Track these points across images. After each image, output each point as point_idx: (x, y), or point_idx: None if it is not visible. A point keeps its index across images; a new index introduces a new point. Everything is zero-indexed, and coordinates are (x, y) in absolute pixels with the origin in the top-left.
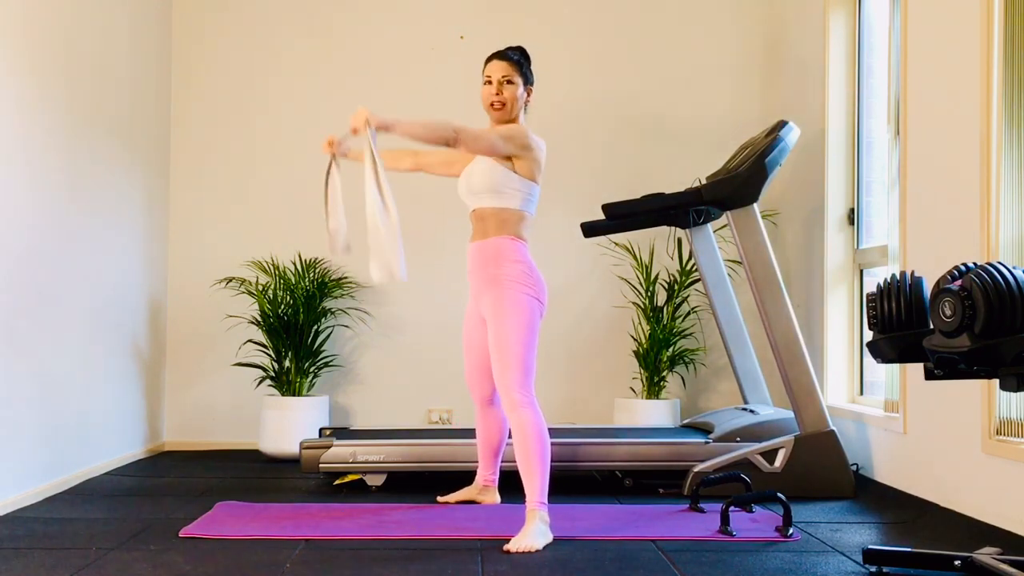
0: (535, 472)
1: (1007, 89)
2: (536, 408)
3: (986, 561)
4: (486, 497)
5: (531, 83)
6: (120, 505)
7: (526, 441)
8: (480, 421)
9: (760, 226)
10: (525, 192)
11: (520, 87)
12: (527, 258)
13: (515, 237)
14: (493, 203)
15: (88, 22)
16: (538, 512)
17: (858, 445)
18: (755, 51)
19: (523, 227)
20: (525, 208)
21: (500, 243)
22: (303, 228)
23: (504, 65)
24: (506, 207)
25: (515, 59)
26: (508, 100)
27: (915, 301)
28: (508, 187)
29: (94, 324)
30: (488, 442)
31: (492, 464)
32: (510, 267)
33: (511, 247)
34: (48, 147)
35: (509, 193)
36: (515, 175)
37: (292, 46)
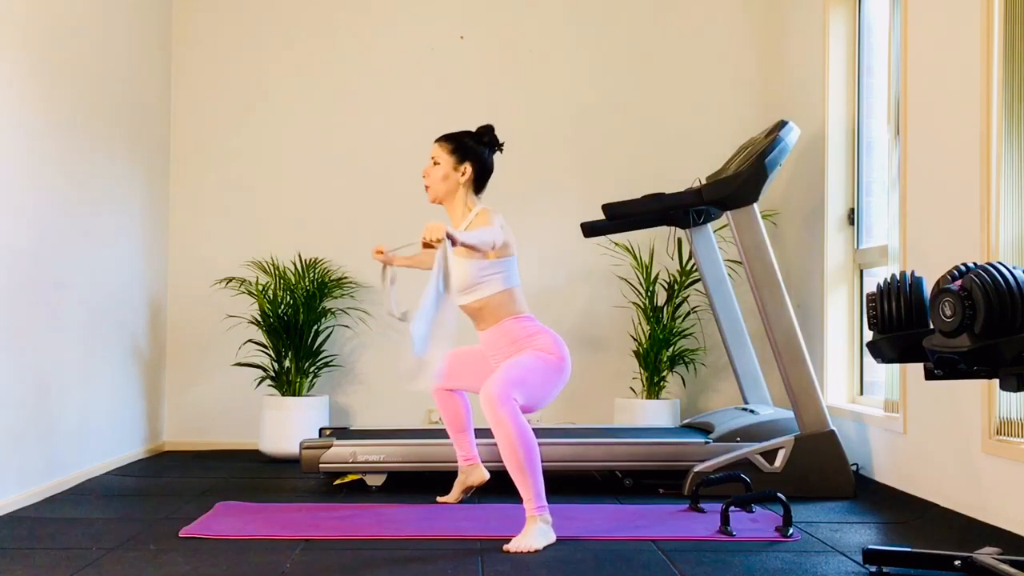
0: (527, 479)
1: (1007, 89)
2: (516, 411)
3: (986, 561)
4: (474, 476)
5: (470, 160)
6: (120, 505)
7: (512, 448)
8: (438, 402)
9: (760, 226)
10: (503, 271)
11: (447, 167)
12: (541, 327)
13: (516, 316)
14: (476, 297)
15: (88, 22)
16: (538, 516)
17: (858, 445)
18: (755, 51)
19: (516, 303)
20: (508, 284)
21: (507, 327)
22: (303, 228)
23: (435, 146)
24: (491, 295)
25: (446, 138)
26: (432, 181)
27: (915, 301)
28: (485, 276)
29: (94, 324)
30: (454, 419)
31: (465, 441)
32: (533, 340)
33: (520, 326)
34: (48, 147)
35: (488, 280)
36: (487, 261)
37: (292, 46)
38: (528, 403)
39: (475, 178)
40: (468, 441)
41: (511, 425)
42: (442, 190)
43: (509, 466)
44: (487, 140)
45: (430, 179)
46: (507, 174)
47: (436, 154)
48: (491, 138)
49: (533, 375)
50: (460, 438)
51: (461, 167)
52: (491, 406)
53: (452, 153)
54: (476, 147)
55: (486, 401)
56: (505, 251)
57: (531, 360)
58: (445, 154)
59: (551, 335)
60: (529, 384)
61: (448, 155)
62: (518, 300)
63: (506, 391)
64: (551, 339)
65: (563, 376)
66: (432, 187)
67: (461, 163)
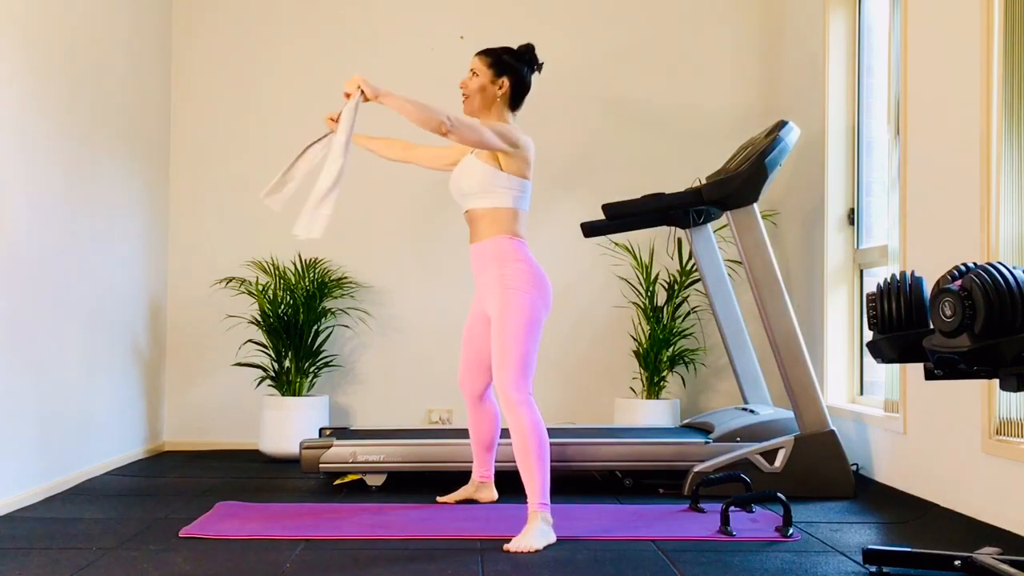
0: (535, 473)
1: (1007, 89)
2: (534, 407)
3: (986, 561)
4: (483, 494)
5: (507, 75)
6: (120, 505)
7: (524, 442)
8: (471, 417)
9: (760, 226)
10: (516, 189)
11: (483, 78)
12: (527, 256)
13: (511, 235)
14: (484, 203)
15: (88, 22)
16: (540, 513)
17: (858, 445)
18: (755, 51)
19: (518, 224)
20: (517, 205)
21: (499, 243)
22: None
23: (475, 59)
24: (498, 206)
25: (486, 52)
26: (470, 91)
27: (915, 301)
28: (498, 186)
29: (94, 324)
30: (480, 438)
31: (486, 460)
32: (512, 267)
33: (510, 247)
34: (48, 147)
35: (500, 192)
36: (503, 173)
37: (292, 46)
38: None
39: (512, 94)
40: (489, 460)
41: (528, 421)
42: (478, 102)
43: (519, 458)
44: (527, 58)
45: (468, 89)
46: None
47: (475, 66)
48: (531, 57)
49: (529, 343)
50: (482, 456)
51: (499, 81)
52: (509, 406)
53: (491, 67)
54: (515, 63)
55: (503, 399)
56: (519, 170)
57: (519, 326)
58: (484, 67)
59: (533, 266)
60: (530, 355)
61: (487, 68)
62: (520, 222)
63: (520, 387)
64: (531, 272)
65: (546, 311)
66: (469, 97)
67: (499, 77)
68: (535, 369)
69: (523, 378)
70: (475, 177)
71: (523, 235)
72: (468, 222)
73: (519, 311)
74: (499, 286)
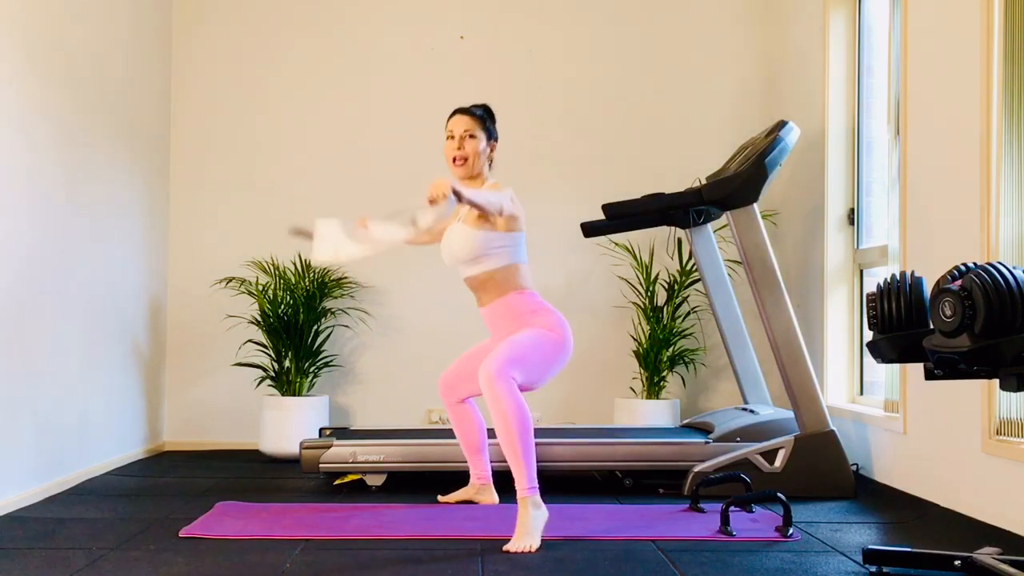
0: (519, 456)
1: (1007, 89)
2: (513, 388)
3: (986, 561)
4: (483, 497)
5: (494, 139)
6: (120, 505)
7: (505, 426)
8: (454, 419)
9: (760, 226)
10: (511, 245)
11: (482, 142)
12: (544, 304)
13: (519, 291)
14: (483, 268)
15: (88, 22)
16: (529, 499)
17: (858, 445)
18: (755, 51)
19: (521, 278)
20: (516, 260)
21: (510, 302)
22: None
23: (466, 120)
24: (496, 268)
25: (477, 114)
26: (470, 155)
27: (915, 301)
28: (493, 248)
29: (94, 324)
30: (468, 439)
31: (479, 462)
32: (534, 318)
33: (523, 301)
34: (48, 147)
35: (496, 253)
36: (496, 233)
37: (292, 46)
38: (527, 381)
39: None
40: (483, 461)
41: (508, 402)
42: (477, 165)
43: (503, 444)
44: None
45: (466, 152)
46: (507, 174)
47: (471, 128)
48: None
49: (532, 352)
50: (475, 459)
51: (491, 143)
52: (488, 383)
53: (485, 129)
54: (493, 125)
55: (484, 378)
56: (514, 225)
57: (531, 337)
58: (480, 129)
59: (554, 313)
60: (528, 361)
61: (482, 131)
62: (523, 276)
63: (504, 368)
64: (553, 317)
65: (564, 354)
66: (470, 161)
67: (490, 139)
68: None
69: (509, 367)
70: (468, 245)
71: (530, 287)
72: (470, 288)
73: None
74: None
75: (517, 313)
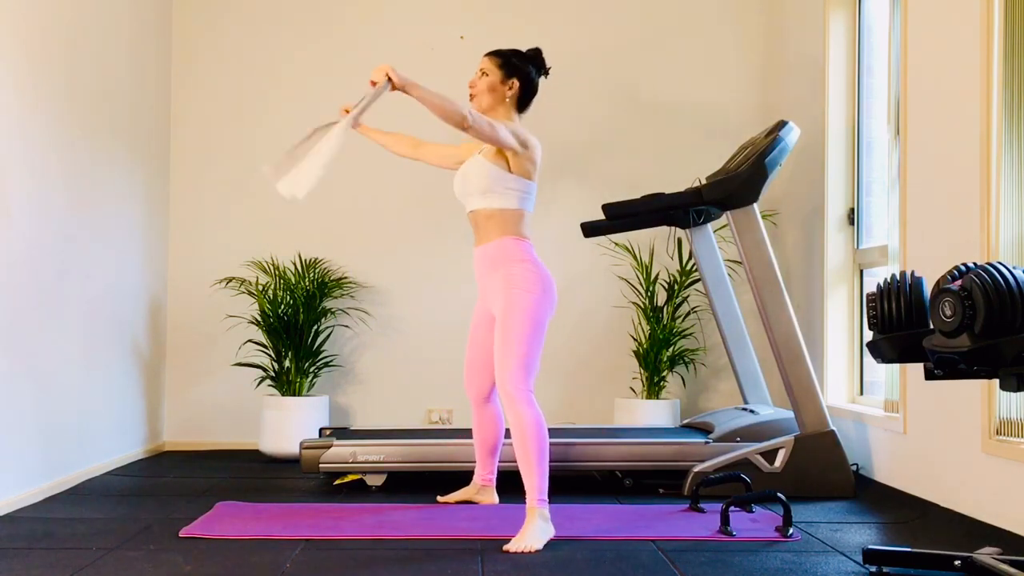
0: (534, 470)
1: (1007, 89)
2: (534, 405)
3: (986, 561)
4: (484, 497)
5: (517, 78)
6: (120, 505)
7: (524, 438)
8: (476, 419)
9: (760, 226)
10: (522, 190)
11: (495, 78)
12: (533, 256)
13: (518, 236)
14: (490, 204)
15: (88, 22)
16: (538, 510)
17: (858, 445)
18: (755, 51)
19: (523, 225)
20: (523, 206)
21: (504, 244)
22: (303, 228)
23: (484, 59)
24: (504, 207)
25: (496, 53)
26: (478, 91)
27: (915, 301)
28: (504, 187)
29: (94, 324)
30: (485, 441)
31: (489, 463)
32: (517, 268)
33: (515, 247)
34: (48, 147)
35: (505, 193)
36: (510, 174)
37: (292, 46)
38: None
39: (520, 95)
40: (492, 463)
41: (528, 417)
42: (487, 101)
43: (519, 454)
44: (536, 62)
45: (477, 88)
46: None
47: (485, 66)
48: (540, 60)
49: (532, 341)
50: (485, 459)
51: (509, 81)
52: (510, 402)
53: (501, 67)
54: (523, 65)
55: (504, 397)
56: (526, 172)
57: (523, 325)
58: (494, 67)
59: (538, 267)
60: (533, 353)
61: (497, 68)
62: (525, 223)
63: (521, 383)
64: (536, 272)
65: (551, 311)
66: (478, 96)
67: (509, 78)
68: (538, 369)
69: (525, 376)
70: (482, 177)
71: (529, 236)
72: (473, 223)
73: (524, 310)
74: (504, 285)
75: (507, 256)
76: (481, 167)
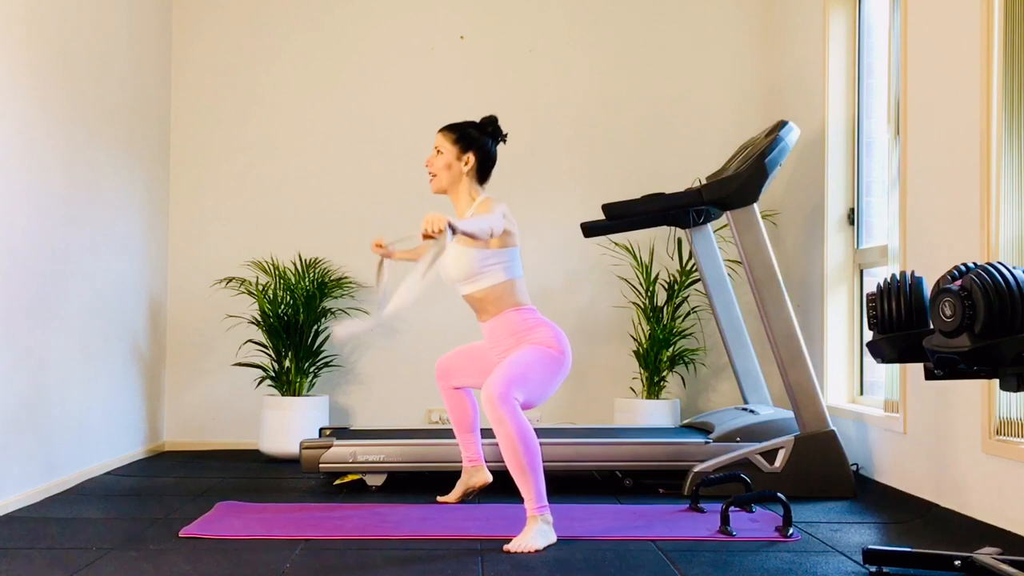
0: (528, 477)
1: (1007, 89)
2: (516, 410)
3: (986, 561)
4: (477, 478)
5: (473, 149)
6: (120, 505)
7: (513, 448)
8: (448, 402)
9: (760, 226)
10: (506, 261)
11: (450, 156)
12: (542, 320)
13: (516, 307)
14: (479, 286)
15: (88, 22)
16: (539, 517)
17: (858, 445)
18: (755, 51)
19: (518, 294)
20: (511, 275)
21: (508, 319)
22: (303, 228)
23: (438, 135)
24: (492, 285)
25: (449, 128)
26: (436, 169)
27: (915, 301)
28: (489, 266)
29: (94, 324)
30: (460, 420)
31: (470, 443)
32: (533, 333)
33: (519, 319)
34: (48, 147)
35: (491, 271)
36: (488, 251)
37: (292, 46)
38: (529, 399)
39: (478, 168)
40: (474, 442)
41: (512, 424)
42: (446, 180)
43: (510, 465)
44: (490, 130)
45: (433, 168)
46: (507, 174)
47: (439, 143)
48: (494, 128)
49: (534, 371)
50: (466, 439)
51: (464, 156)
52: (492, 405)
53: (455, 143)
54: (479, 137)
55: (487, 400)
56: (508, 241)
57: (531, 356)
58: (448, 143)
59: (552, 328)
60: (530, 381)
61: (451, 144)
62: (520, 291)
63: (507, 390)
64: (552, 332)
65: (564, 370)
66: (436, 176)
67: (464, 152)
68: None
69: (512, 388)
70: (463, 265)
71: (527, 302)
72: (468, 303)
73: (536, 349)
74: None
75: (515, 330)
76: (460, 255)
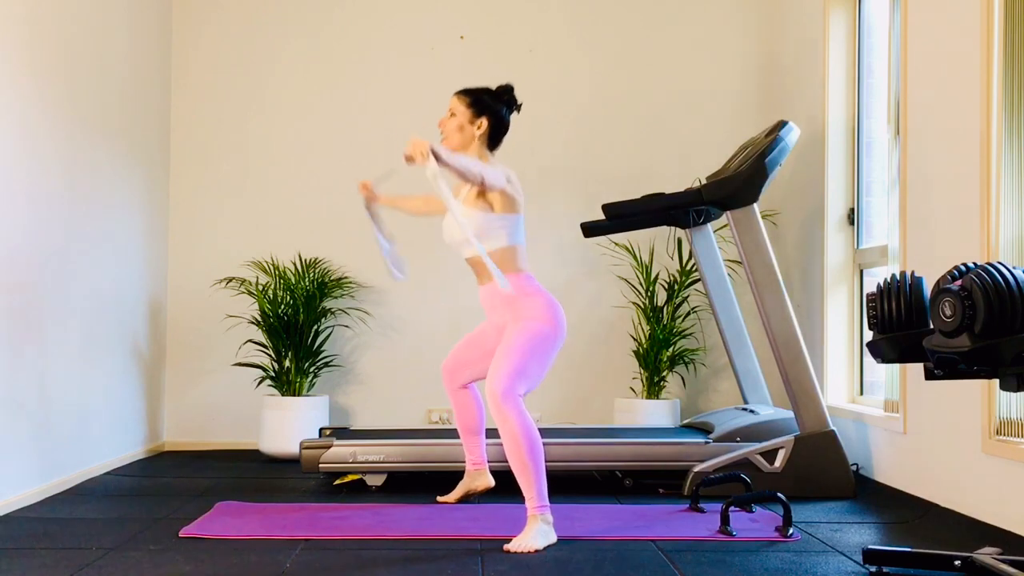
0: (530, 476)
1: (1007, 89)
2: (521, 409)
3: (986, 561)
4: (480, 482)
5: (487, 114)
6: (120, 505)
7: (516, 446)
8: (455, 404)
9: (760, 226)
10: (510, 227)
11: (463, 119)
12: (538, 288)
13: (516, 272)
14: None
15: (88, 22)
16: (539, 516)
17: (858, 445)
18: (755, 51)
19: (519, 260)
20: (514, 241)
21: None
22: (303, 228)
23: (453, 98)
24: (494, 249)
25: (464, 92)
26: (448, 131)
27: (915, 301)
28: (493, 228)
29: (94, 324)
30: (466, 423)
31: (475, 445)
32: (525, 302)
33: (518, 284)
34: (48, 147)
35: (495, 234)
36: (495, 214)
37: (292, 46)
38: (531, 386)
39: (490, 133)
40: (478, 444)
41: (516, 421)
42: (456, 141)
43: (512, 462)
44: (505, 98)
45: (445, 129)
46: None
47: (453, 106)
48: (510, 97)
49: (532, 356)
50: (471, 441)
51: (477, 121)
52: (495, 402)
53: (469, 106)
54: (493, 103)
55: (490, 397)
56: (511, 207)
57: (527, 342)
58: (463, 107)
59: (546, 298)
60: (530, 369)
61: (465, 108)
62: (520, 258)
63: (509, 386)
64: (545, 303)
65: (559, 342)
66: (447, 137)
67: (478, 117)
68: (533, 386)
69: (515, 383)
70: (469, 226)
71: (526, 268)
72: (470, 266)
73: (531, 330)
74: (514, 318)
75: (513, 296)
76: (465, 216)
